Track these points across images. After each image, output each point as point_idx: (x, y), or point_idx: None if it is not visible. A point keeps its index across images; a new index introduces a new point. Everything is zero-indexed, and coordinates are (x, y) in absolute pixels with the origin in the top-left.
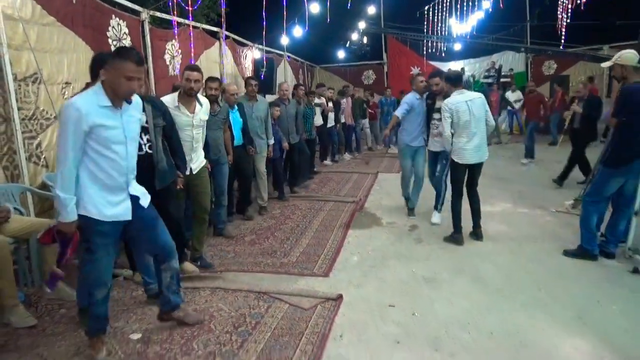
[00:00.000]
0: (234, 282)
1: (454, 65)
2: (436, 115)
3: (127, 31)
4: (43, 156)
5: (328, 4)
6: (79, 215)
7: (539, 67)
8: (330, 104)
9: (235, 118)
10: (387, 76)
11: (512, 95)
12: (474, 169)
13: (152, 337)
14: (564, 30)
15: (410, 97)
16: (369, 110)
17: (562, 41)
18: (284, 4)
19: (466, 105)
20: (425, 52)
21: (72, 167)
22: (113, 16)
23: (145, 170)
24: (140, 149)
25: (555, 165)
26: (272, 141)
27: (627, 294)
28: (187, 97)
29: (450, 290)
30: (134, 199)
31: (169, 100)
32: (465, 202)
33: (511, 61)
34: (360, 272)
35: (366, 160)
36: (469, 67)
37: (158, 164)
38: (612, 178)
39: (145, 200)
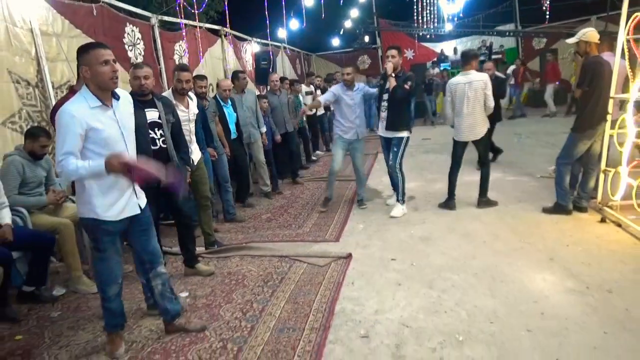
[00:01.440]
0: (258, 249)
1: (447, 46)
2: (385, 96)
3: (140, 36)
4: None
5: None
6: (87, 219)
7: (530, 42)
8: (319, 92)
9: (229, 113)
10: (382, 60)
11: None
12: (477, 145)
13: (197, 293)
14: (547, 5)
15: (336, 87)
16: None
17: (547, 17)
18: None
19: (464, 86)
20: (417, 35)
21: (72, 162)
22: (127, 23)
23: (163, 164)
24: (154, 143)
25: (548, 137)
26: (264, 129)
27: (592, 238)
28: (179, 95)
29: (442, 245)
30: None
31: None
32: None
33: (502, 38)
34: (366, 236)
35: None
36: (461, 46)
37: (172, 157)
38: (579, 141)
39: (143, 200)
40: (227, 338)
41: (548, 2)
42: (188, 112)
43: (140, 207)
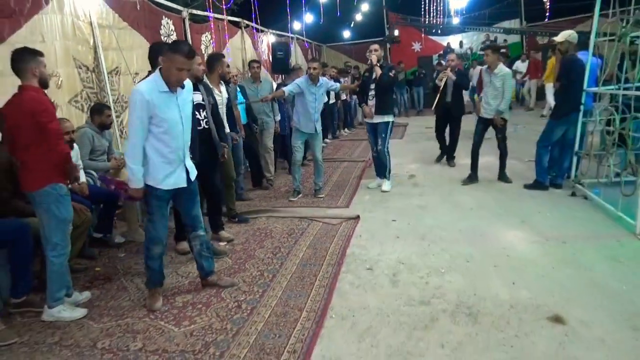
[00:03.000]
0: (281, 212)
1: (453, 39)
2: (372, 86)
3: (173, 28)
4: (125, 130)
5: None
6: (146, 185)
7: (533, 37)
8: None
9: (239, 98)
10: (390, 52)
11: (522, 66)
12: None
13: (235, 242)
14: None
15: (301, 79)
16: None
17: (547, 14)
18: None
19: (488, 76)
20: (424, 29)
21: (139, 143)
22: (163, 17)
23: (206, 143)
24: (199, 124)
25: (541, 127)
26: (278, 117)
27: (561, 207)
28: (217, 80)
29: (435, 211)
30: (187, 172)
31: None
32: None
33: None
34: (372, 204)
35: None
36: (467, 40)
37: (214, 136)
38: (556, 127)
39: (193, 174)
40: (263, 269)
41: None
42: (222, 96)
43: (189, 180)
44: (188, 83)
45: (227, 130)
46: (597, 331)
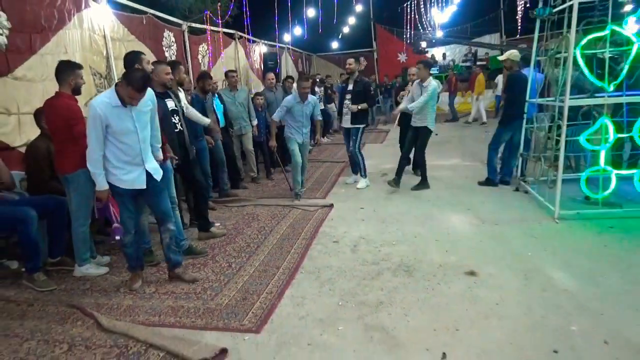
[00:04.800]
0: (266, 201)
1: (437, 51)
2: (348, 96)
3: (174, 39)
4: None
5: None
6: (108, 182)
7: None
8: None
9: (217, 104)
10: (377, 62)
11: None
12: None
13: (227, 223)
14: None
15: (289, 99)
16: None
17: (519, 29)
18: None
19: (419, 89)
20: (410, 41)
21: (95, 151)
22: (165, 30)
23: (180, 144)
24: (175, 127)
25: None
26: (255, 122)
27: (503, 199)
28: (177, 87)
29: (399, 201)
30: (149, 173)
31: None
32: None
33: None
34: (345, 196)
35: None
36: (450, 53)
37: (187, 138)
38: (503, 132)
39: (158, 175)
40: (249, 242)
41: (520, 17)
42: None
43: (152, 180)
44: (148, 92)
45: None
46: (499, 280)
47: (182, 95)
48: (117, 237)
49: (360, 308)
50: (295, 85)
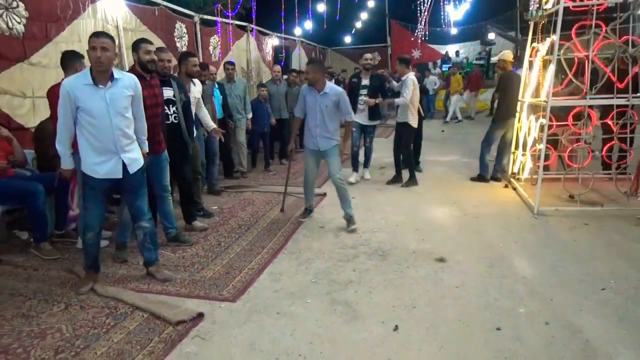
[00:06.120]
0: (262, 187)
1: (451, 48)
2: (363, 92)
3: (185, 31)
4: None
5: None
6: (80, 171)
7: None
8: None
9: (216, 95)
10: (391, 57)
11: None
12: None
13: (224, 207)
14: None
15: (304, 87)
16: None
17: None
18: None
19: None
20: (425, 37)
21: (62, 129)
22: (177, 21)
23: (174, 137)
24: (167, 118)
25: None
26: (250, 115)
27: (491, 195)
28: (186, 78)
29: (390, 193)
30: (124, 164)
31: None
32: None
33: (502, 44)
34: None
35: None
36: (464, 50)
37: (184, 131)
38: (496, 130)
39: (133, 167)
40: (241, 224)
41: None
42: (190, 95)
43: (127, 173)
44: (129, 77)
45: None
46: (465, 266)
47: (195, 87)
48: (72, 226)
49: (331, 285)
50: None
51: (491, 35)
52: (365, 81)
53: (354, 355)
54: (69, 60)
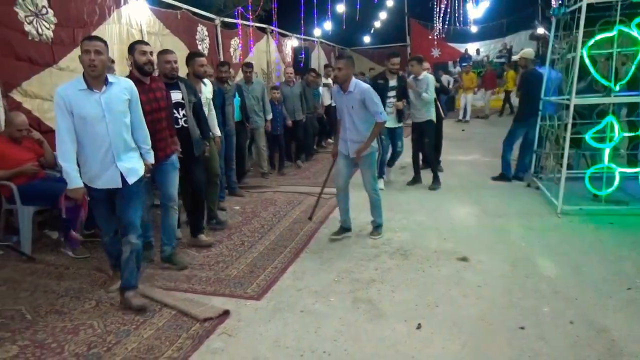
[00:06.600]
0: (283, 187)
1: (471, 47)
2: (391, 93)
3: (206, 33)
4: None
5: None
6: (83, 182)
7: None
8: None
9: (235, 97)
10: (410, 57)
11: None
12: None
13: (246, 207)
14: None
15: (335, 87)
16: None
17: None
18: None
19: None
20: (443, 35)
21: (64, 141)
22: (199, 24)
23: (183, 141)
24: (177, 122)
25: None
26: (270, 116)
27: (512, 194)
28: (195, 79)
29: (412, 193)
30: (122, 174)
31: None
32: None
33: (523, 42)
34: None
35: None
36: (484, 48)
37: (194, 134)
38: (518, 129)
39: (131, 177)
40: (264, 224)
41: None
42: (200, 97)
43: (125, 182)
44: (124, 81)
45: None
46: (487, 266)
47: (206, 88)
48: (70, 251)
49: (353, 284)
50: None
51: (540, 30)
52: (393, 82)
53: (378, 352)
54: None
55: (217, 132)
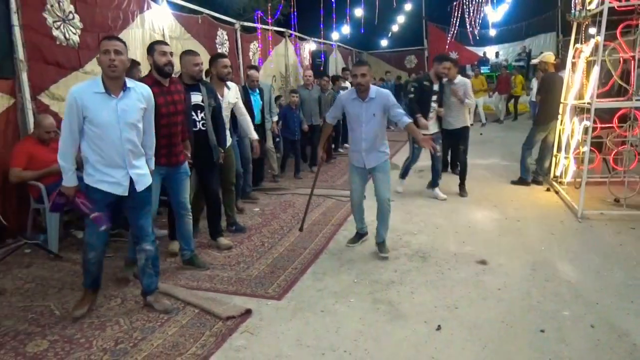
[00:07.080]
0: (299, 190)
1: (489, 50)
2: (434, 97)
3: (226, 37)
4: None
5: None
6: (85, 183)
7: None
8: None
9: (256, 100)
10: (428, 60)
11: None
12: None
13: (265, 209)
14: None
15: (344, 94)
16: None
17: None
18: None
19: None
20: (463, 39)
21: (66, 141)
22: (219, 29)
23: (200, 145)
24: (194, 125)
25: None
26: (275, 118)
27: (531, 198)
28: (218, 82)
29: (427, 196)
30: (132, 180)
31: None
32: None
33: (542, 45)
34: None
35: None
36: (503, 52)
37: (211, 139)
38: (537, 133)
39: (141, 184)
40: (283, 225)
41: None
42: (222, 100)
43: (134, 190)
44: (142, 87)
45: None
46: (507, 269)
47: (230, 92)
48: (103, 227)
49: (373, 285)
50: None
51: (592, 31)
52: (436, 86)
53: (398, 352)
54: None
55: (254, 135)
